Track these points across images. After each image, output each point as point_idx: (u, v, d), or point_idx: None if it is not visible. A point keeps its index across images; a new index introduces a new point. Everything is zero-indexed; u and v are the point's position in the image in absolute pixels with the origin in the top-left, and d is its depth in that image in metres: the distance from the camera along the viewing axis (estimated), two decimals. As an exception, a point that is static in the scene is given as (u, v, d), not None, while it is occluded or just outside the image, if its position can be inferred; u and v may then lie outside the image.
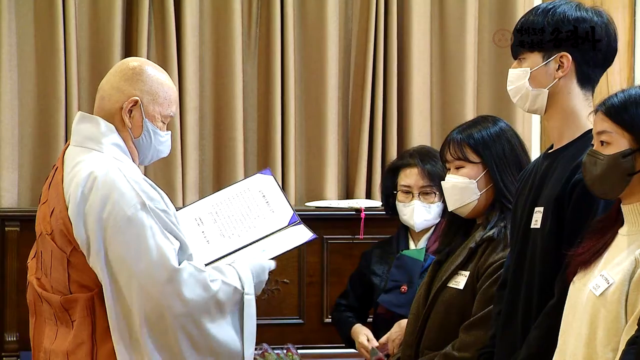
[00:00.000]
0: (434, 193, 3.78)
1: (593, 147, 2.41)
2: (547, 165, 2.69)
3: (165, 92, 2.98)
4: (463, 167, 3.15)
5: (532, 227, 2.66)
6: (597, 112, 2.40)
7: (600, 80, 2.73)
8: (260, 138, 4.84)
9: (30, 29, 4.59)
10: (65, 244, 2.85)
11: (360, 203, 4.57)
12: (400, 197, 3.84)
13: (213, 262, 3.03)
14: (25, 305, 4.21)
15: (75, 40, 4.59)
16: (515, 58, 2.74)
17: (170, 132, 3.09)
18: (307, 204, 4.76)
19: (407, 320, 3.30)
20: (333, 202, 4.74)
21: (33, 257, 3.06)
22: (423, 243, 3.84)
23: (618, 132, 2.34)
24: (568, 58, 2.64)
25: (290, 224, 3.13)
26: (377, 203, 4.57)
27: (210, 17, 4.80)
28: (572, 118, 2.66)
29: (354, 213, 4.51)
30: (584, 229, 2.48)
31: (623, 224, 2.38)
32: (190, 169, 4.73)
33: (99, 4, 4.66)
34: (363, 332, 3.81)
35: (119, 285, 2.80)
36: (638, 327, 2.21)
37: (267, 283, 3.07)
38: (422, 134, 4.95)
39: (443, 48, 5.05)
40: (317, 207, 4.67)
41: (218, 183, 4.78)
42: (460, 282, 3.09)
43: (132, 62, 3.03)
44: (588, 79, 2.67)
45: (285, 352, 4.31)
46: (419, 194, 3.79)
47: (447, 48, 5.05)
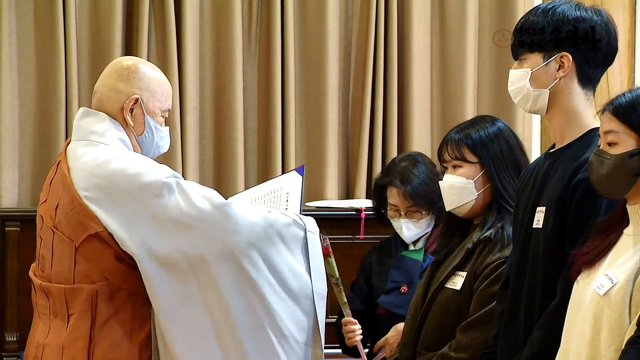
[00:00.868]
0: (420, 212, 3.75)
1: (600, 146, 2.41)
2: (548, 165, 2.69)
3: (162, 86, 3.01)
4: (461, 167, 3.14)
5: (534, 226, 2.66)
6: (604, 111, 2.40)
7: (601, 81, 2.73)
8: (261, 138, 4.84)
9: (31, 29, 4.59)
10: (77, 233, 2.83)
11: (361, 203, 4.57)
12: (390, 213, 3.82)
13: None
14: (26, 305, 4.23)
15: (76, 40, 4.59)
16: (516, 59, 2.74)
17: (169, 127, 3.10)
18: (307, 204, 4.75)
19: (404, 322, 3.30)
20: (333, 202, 4.74)
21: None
22: (422, 243, 3.83)
23: (625, 131, 2.34)
24: (568, 58, 2.64)
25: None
26: (377, 203, 4.57)
27: (211, 17, 4.80)
28: (573, 118, 2.66)
29: (354, 213, 4.51)
30: (587, 229, 2.48)
31: (628, 224, 2.38)
32: (191, 169, 4.73)
33: (99, 4, 4.65)
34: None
35: (171, 249, 2.78)
36: (638, 327, 2.21)
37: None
38: (422, 134, 4.95)
39: (443, 48, 5.05)
40: (317, 207, 4.67)
41: (218, 183, 4.78)
42: (458, 282, 3.09)
43: (125, 61, 3.03)
44: (589, 79, 2.67)
45: (286, 352, 4.30)
46: (406, 213, 3.77)
47: (447, 48, 5.05)
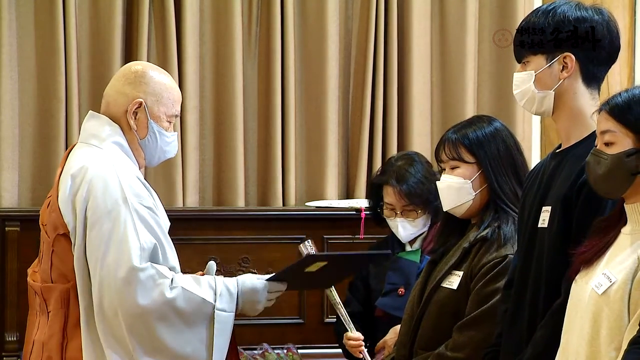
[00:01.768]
0: (416, 211, 3.74)
1: (597, 146, 2.41)
2: (554, 165, 2.69)
3: (169, 92, 3.05)
4: (458, 167, 3.14)
5: (539, 226, 2.66)
6: (600, 111, 2.41)
7: (600, 80, 2.74)
8: (261, 138, 4.84)
9: (31, 29, 4.59)
10: (52, 231, 2.92)
11: (361, 203, 4.56)
12: (386, 212, 3.82)
13: None
14: (26, 305, 4.23)
15: (76, 40, 4.59)
16: (519, 62, 2.74)
17: (177, 133, 3.13)
18: (307, 204, 4.76)
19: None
20: (333, 202, 4.74)
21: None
22: (418, 244, 3.82)
23: (622, 131, 2.34)
24: (572, 58, 2.64)
25: None
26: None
27: (211, 17, 4.80)
28: (579, 118, 2.66)
29: (354, 213, 4.51)
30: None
31: (626, 223, 2.39)
32: (191, 169, 4.73)
33: (99, 4, 4.66)
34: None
35: (88, 277, 2.85)
36: (639, 327, 2.22)
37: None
38: (422, 134, 4.95)
39: (443, 48, 5.05)
40: (317, 207, 4.67)
41: (218, 183, 4.78)
42: (454, 282, 3.08)
43: (134, 66, 3.11)
44: (593, 78, 2.67)
45: (286, 352, 4.31)
46: (402, 212, 3.77)
47: (447, 48, 5.05)
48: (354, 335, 3.55)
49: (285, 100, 4.79)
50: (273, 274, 3.04)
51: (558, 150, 2.73)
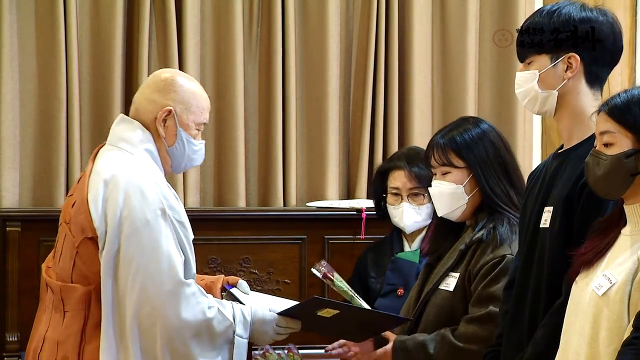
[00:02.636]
0: (423, 195, 3.75)
1: (596, 147, 2.41)
2: (556, 165, 2.69)
3: (198, 100, 3.08)
4: (449, 172, 3.13)
5: (541, 226, 2.66)
6: (599, 112, 2.41)
7: (600, 81, 2.74)
8: (261, 138, 4.83)
9: (32, 30, 4.59)
10: (78, 233, 2.92)
11: (362, 203, 4.57)
12: (390, 199, 3.82)
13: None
14: (27, 306, 4.23)
15: (77, 41, 4.59)
16: (522, 61, 2.74)
17: (204, 141, 3.17)
18: (308, 204, 4.76)
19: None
20: (334, 202, 4.73)
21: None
22: (417, 244, 3.82)
23: (621, 132, 2.34)
24: (576, 58, 2.65)
25: None
26: (378, 203, 4.57)
27: (211, 17, 4.80)
28: (581, 118, 2.66)
29: (355, 213, 4.51)
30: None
31: (626, 224, 2.39)
32: (191, 169, 4.72)
33: (100, 5, 4.65)
34: None
35: (121, 284, 2.85)
36: (633, 329, 2.21)
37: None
38: (423, 134, 4.95)
39: (444, 48, 5.05)
40: (318, 207, 4.67)
41: (218, 183, 4.78)
42: (451, 283, 3.08)
43: (164, 73, 3.13)
44: (596, 79, 2.67)
45: (287, 352, 4.30)
46: (408, 196, 3.77)
47: (448, 48, 5.05)
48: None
49: (286, 101, 4.79)
50: (284, 309, 3.07)
51: (560, 151, 2.74)
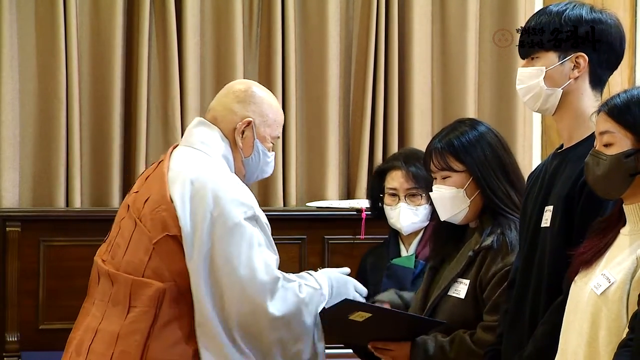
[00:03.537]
0: (420, 195, 3.73)
1: (595, 147, 2.41)
2: (556, 165, 2.69)
3: (275, 114, 3.14)
4: (449, 176, 3.12)
5: (542, 226, 2.66)
6: (599, 112, 2.41)
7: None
8: (261, 138, 4.83)
9: (32, 30, 4.59)
10: (157, 230, 2.92)
11: (361, 203, 4.56)
12: (387, 200, 3.81)
13: None
14: (26, 306, 4.24)
15: (77, 41, 4.59)
16: (525, 57, 2.74)
17: (275, 153, 3.21)
18: (308, 204, 4.76)
19: None
20: (334, 202, 4.74)
21: (104, 241, 3.14)
22: (413, 248, 3.80)
23: (621, 132, 2.34)
24: (585, 58, 2.65)
25: None
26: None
27: (211, 17, 4.80)
28: (582, 118, 2.66)
29: (355, 213, 4.51)
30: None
31: (625, 224, 2.39)
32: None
33: (100, 5, 4.66)
34: None
35: (220, 285, 2.89)
36: (629, 330, 2.21)
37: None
38: (423, 134, 4.95)
39: (444, 48, 5.05)
40: (318, 207, 4.67)
41: (219, 183, 4.78)
42: (461, 290, 3.05)
43: (243, 84, 3.19)
44: (599, 81, 2.69)
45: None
46: (405, 197, 3.75)
47: (448, 48, 5.05)
48: None
49: (286, 101, 4.79)
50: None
51: (559, 151, 2.74)
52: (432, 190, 3.17)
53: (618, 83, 4.89)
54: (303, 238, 4.47)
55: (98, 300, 3.00)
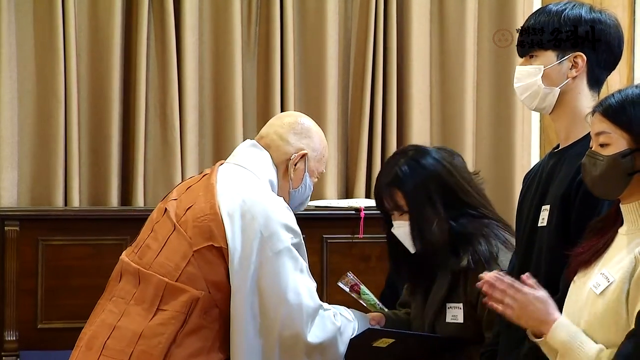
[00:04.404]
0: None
1: (592, 148, 2.41)
2: (553, 164, 2.70)
3: (325, 151, 3.18)
4: (404, 212, 3.11)
5: (539, 225, 2.66)
6: (594, 113, 2.41)
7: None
8: (260, 137, 4.84)
9: (30, 29, 4.60)
10: (200, 238, 2.91)
11: (360, 202, 4.58)
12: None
13: None
14: (25, 305, 4.24)
15: (75, 40, 4.60)
16: (523, 56, 2.74)
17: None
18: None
19: None
20: (333, 201, 4.74)
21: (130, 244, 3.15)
22: None
23: (617, 132, 2.34)
24: (583, 58, 2.65)
25: None
26: (376, 202, 4.57)
27: (210, 16, 4.80)
28: (579, 118, 2.66)
29: (354, 212, 4.52)
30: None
31: (622, 224, 2.39)
32: (190, 169, 4.73)
33: (99, 4, 4.66)
34: None
35: (264, 305, 2.90)
36: (636, 321, 2.21)
37: None
38: (421, 133, 4.96)
39: (443, 47, 5.06)
40: (316, 206, 4.68)
41: (218, 182, 4.78)
42: (458, 315, 3.04)
43: (301, 117, 3.20)
44: (597, 81, 2.69)
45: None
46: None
47: (446, 47, 5.05)
48: None
49: (285, 100, 4.80)
50: None
51: (556, 150, 2.74)
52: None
53: (617, 82, 4.89)
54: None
55: (117, 297, 2.98)
